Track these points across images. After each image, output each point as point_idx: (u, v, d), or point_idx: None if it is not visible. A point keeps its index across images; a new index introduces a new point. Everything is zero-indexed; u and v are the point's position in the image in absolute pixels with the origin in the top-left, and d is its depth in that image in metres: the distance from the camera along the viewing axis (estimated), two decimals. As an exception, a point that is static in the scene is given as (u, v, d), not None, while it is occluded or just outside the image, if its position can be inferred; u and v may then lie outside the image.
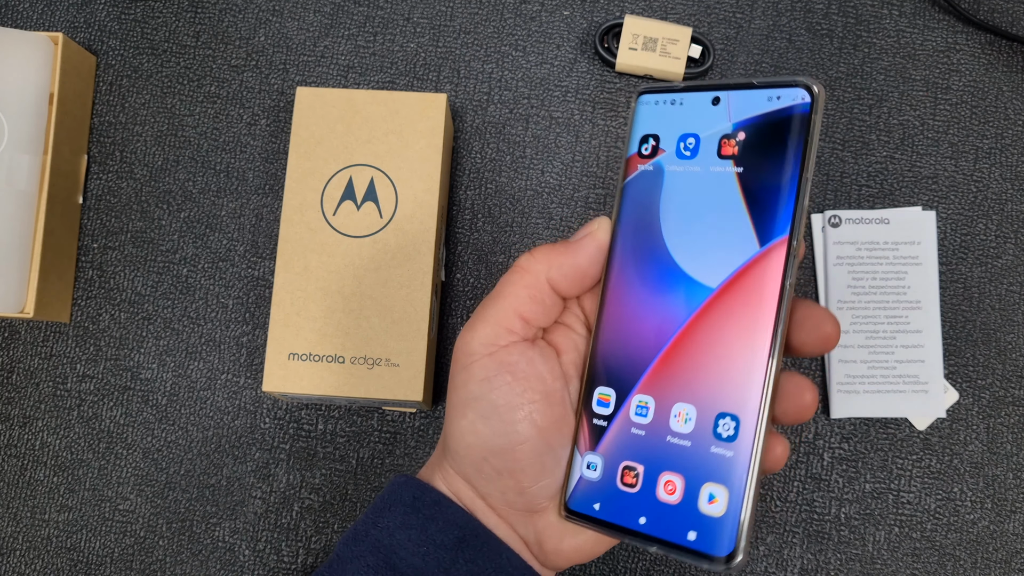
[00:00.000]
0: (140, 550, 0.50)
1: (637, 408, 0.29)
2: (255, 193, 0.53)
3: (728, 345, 0.28)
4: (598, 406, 0.30)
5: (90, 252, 0.53)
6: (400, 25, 0.54)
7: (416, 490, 0.32)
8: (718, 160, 0.29)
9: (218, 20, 0.55)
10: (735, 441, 0.27)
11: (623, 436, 0.29)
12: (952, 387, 0.50)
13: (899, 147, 0.52)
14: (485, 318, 0.31)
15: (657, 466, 0.28)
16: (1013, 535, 0.48)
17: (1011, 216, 0.51)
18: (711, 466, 0.27)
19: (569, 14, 0.54)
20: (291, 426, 0.51)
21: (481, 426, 0.30)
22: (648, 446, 0.29)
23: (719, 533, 0.27)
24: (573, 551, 0.32)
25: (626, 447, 0.29)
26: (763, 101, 0.28)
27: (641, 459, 0.29)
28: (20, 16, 0.55)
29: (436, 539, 0.31)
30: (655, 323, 0.29)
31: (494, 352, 0.30)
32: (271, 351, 0.46)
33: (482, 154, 0.53)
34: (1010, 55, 0.53)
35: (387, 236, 0.47)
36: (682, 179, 0.30)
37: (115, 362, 0.52)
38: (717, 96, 0.29)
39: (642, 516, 0.29)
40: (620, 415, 0.29)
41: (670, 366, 0.29)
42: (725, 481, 0.27)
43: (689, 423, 0.28)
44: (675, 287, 0.29)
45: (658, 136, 0.30)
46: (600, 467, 0.30)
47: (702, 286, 0.28)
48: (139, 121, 0.54)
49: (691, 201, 0.29)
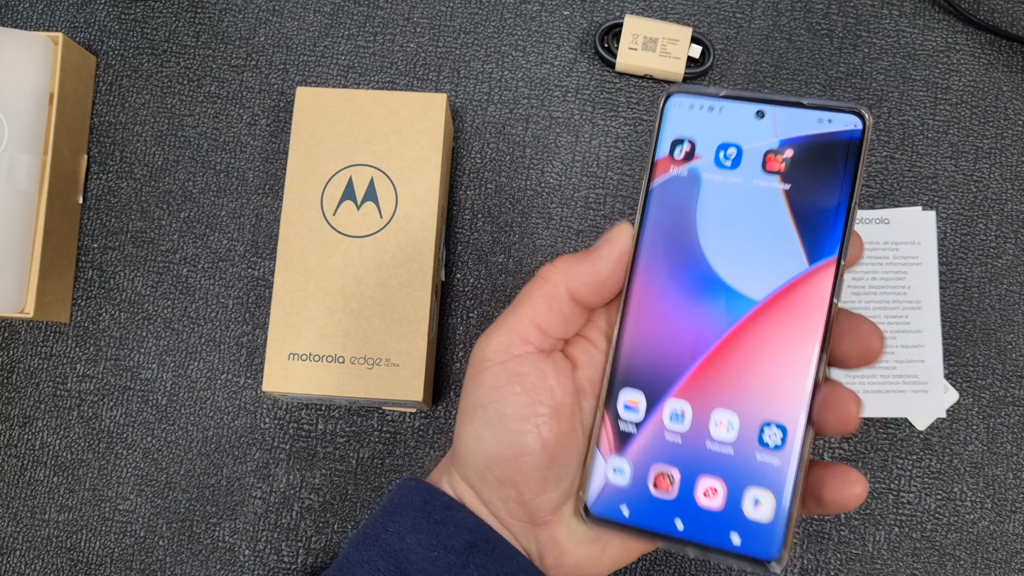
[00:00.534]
0: (140, 550, 0.50)
1: (672, 413, 0.29)
2: (255, 193, 0.53)
3: (774, 357, 0.28)
4: (626, 410, 0.29)
5: (90, 252, 0.53)
6: (400, 25, 0.54)
7: (426, 494, 0.32)
8: (763, 174, 0.29)
9: (218, 20, 0.55)
10: (782, 449, 0.28)
11: (656, 441, 0.29)
12: (952, 387, 0.50)
13: (899, 147, 0.52)
14: (501, 326, 0.31)
15: (695, 471, 0.29)
16: (1013, 535, 0.48)
17: (1011, 216, 0.52)
18: (756, 472, 0.28)
19: (569, 14, 0.54)
20: (291, 426, 0.51)
21: (486, 433, 0.30)
22: (685, 452, 0.29)
23: (766, 537, 0.28)
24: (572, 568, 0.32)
25: (659, 452, 0.29)
26: (813, 122, 0.29)
27: (677, 464, 0.29)
28: (20, 16, 0.55)
29: (447, 544, 0.30)
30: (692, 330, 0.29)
31: (506, 361, 0.30)
32: (271, 351, 0.46)
33: (482, 154, 0.53)
34: (1010, 55, 0.53)
35: (387, 236, 0.47)
36: (722, 189, 0.29)
37: (115, 362, 0.52)
38: (762, 110, 0.30)
39: (679, 521, 0.29)
40: (652, 420, 0.29)
41: (710, 374, 0.29)
42: (771, 487, 0.28)
43: (732, 431, 0.28)
44: (714, 297, 0.29)
45: (693, 141, 0.30)
46: (628, 471, 0.29)
47: (745, 298, 0.29)
48: (139, 121, 0.54)
49: (732, 212, 0.29)
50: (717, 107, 0.30)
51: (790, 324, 0.28)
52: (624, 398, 0.30)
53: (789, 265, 0.29)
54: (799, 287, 0.28)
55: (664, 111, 0.30)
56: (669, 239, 0.30)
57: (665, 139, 0.30)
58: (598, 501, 0.30)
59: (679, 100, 0.30)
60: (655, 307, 0.29)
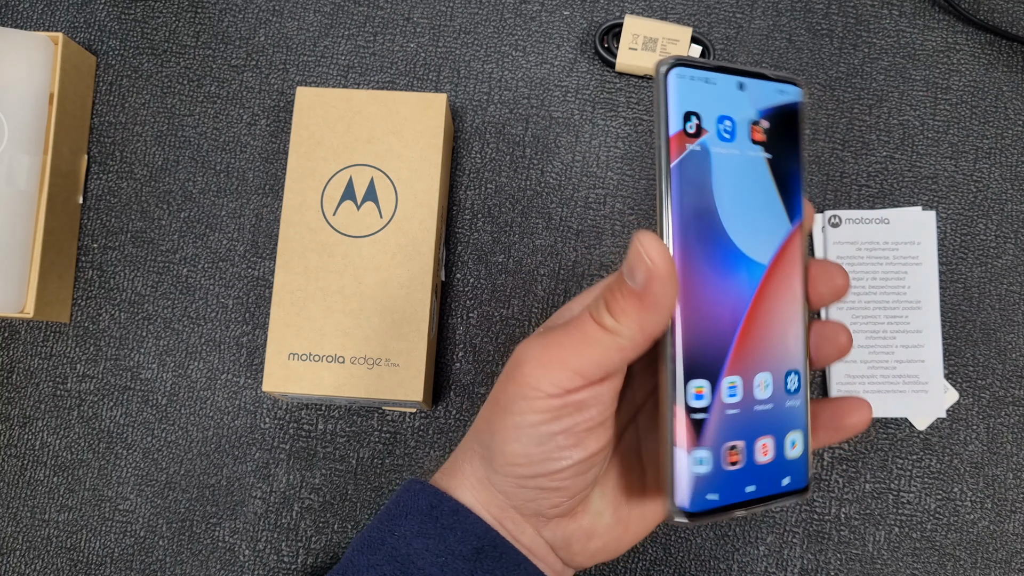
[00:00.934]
0: (140, 550, 0.50)
1: (729, 390, 0.30)
2: (255, 193, 0.53)
3: (783, 312, 0.31)
4: (695, 400, 0.29)
5: (90, 252, 0.53)
6: (400, 25, 0.54)
7: (433, 498, 0.32)
8: (751, 145, 0.31)
9: (218, 20, 0.55)
10: (800, 391, 0.31)
11: (722, 421, 0.30)
12: (952, 387, 0.50)
13: (899, 147, 0.52)
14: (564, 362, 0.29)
15: (753, 435, 0.30)
16: (1013, 535, 0.48)
17: (1011, 216, 0.51)
18: (789, 418, 0.31)
19: (569, 14, 0.54)
20: (291, 426, 0.51)
21: (535, 451, 0.29)
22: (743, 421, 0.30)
23: (801, 470, 0.31)
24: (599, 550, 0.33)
25: (727, 429, 0.30)
26: (775, 93, 0.31)
27: (740, 435, 0.30)
28: (20, 16, 0.55)
29: (454, 549, 0.30)
30: (728, 306, 0.30)
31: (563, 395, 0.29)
32: (271, 351, 0.46)
33: (482, 154, 0.53)
34: (1010, 55, 0.53)
35: (387, 236, 0.47)
36: (727, 162, 0.30)
37: (115, 362, 0.52)
38: (741, 82, 0.31)
39: (749, 485, 0.30)
40: (715, 403, 0.30)
41: (747, 343, 0.30)
42: (800, 426, 0.31)
43: (768, 388, 0.31)
44: (738, 268, 0.30)
45: (699, 115, 0.29)
46: (709, 458, 0.29)
47: (757, 264, 0.30)
48: (139, 121, 0.54)
49: (737, 184, 0.30)
50: (712, 79, 0.30)
51: (786, 280, 0.31)
52: (692, 388, 0.29)
53: (781, 227, 0.31)
54: (788, 246, 0.31)
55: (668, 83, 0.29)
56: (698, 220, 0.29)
57: (675, 112, 0.29)
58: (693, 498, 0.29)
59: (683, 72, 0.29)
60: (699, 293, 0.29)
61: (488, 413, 0.31)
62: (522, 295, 0.51)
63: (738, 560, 0.49)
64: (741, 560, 0.49)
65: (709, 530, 0.49)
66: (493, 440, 0.30)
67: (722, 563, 0.49)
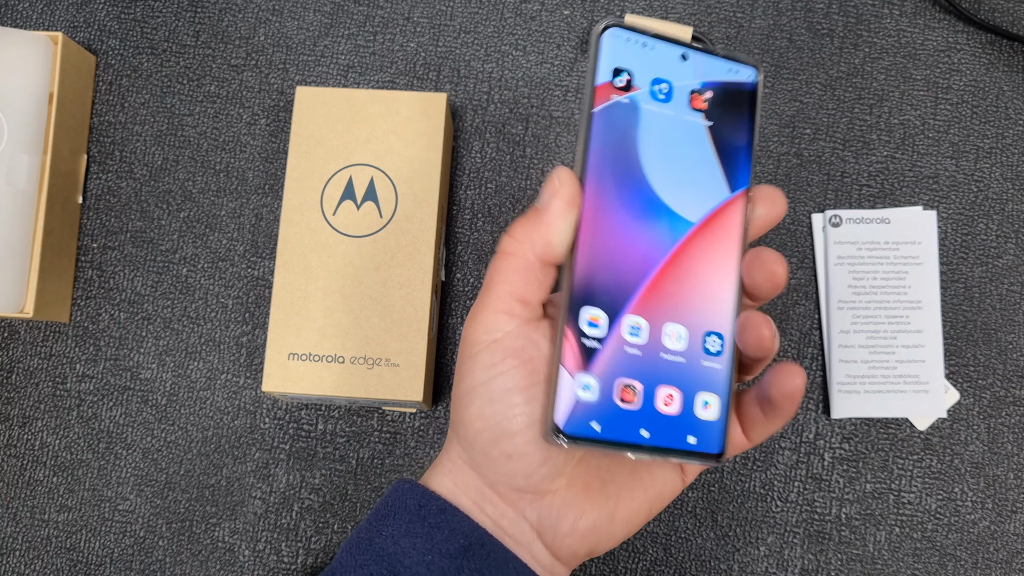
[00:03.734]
0: (140, 550, 0.50)
1: (631, 329, 0.31)
2: (255, 193, 0.53)
3: (709, 273, 0.32)
4: (589, 326, 0.30)
5: (90, 252, 0.53)
6: (400, 24, 0.54)
7: (421, 497, 0.32)
8: (690, 111, 0.32)
9: (218, 20, 0.55)
10: (722, 355, 0.32)
11: (618, 355, 0.30)
12: (953, 387, 0.50)
13: (900, 147, 0.52)
14: (483, 307, 0.31)
15: (655, 381, 0.31)
16: (1014, 535, 0.48)
17: (1012, 216, 0.51)
18: (704, 378, 0.31)
19: (569, 13, 0.54)
20: (291, 426, 0.50)
21: (489, 410, 0.30)
22: (644, 364, 0.31)
23: (715, 434, 0.31)
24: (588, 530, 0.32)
25: (623, 366, 0.31)
26: (724, 71, 0.33)
27: (638, 376, 0.31)
28: (20, 16, 0.55)
29: (441, 548, 0.30)
30: (641, 250, 0.31)
31: (499, 338, 0.30)
32: (271, 351, 0.46)
33: (482, 154, 0.53)
34: (1011, 55, 0.53)
35: (387, 236, 0.47)
36: (658, 120, 0.32)
37: (115, 362, 0.52)
38: (684, 53, 0.32)
39: (644, 429, 0.30)
40: (612, 335, 0.30)
41: (659, 290, 0.31)
42: (716, 390, 0.31)
43: (681, 341, 0.31)
44: (658, 218, 0.31)
45: (631, 72, 0.32)
46: (596, 387, 0.30)
47: (683, 220, 0.31)
48: (139, 121, 0.54)
49: (668, 142, 0.32)
50: (650, 44, 0.32)
51: (718, 243, 0.32)
52: (586, 315, 0.30)
53: (717, 192, 0.32)
54: (724, 211, 0.32)
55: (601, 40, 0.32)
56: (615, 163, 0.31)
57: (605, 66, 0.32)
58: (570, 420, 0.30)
59: (616, 32, 0.32)
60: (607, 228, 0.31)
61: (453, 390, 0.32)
62: (522, 295, 0.51)
63: (738, 560, 0.49)
64: (741, 560, 0.49)
65: (710, 530, 0.49)
66: (455, 412, 0.31)
67: (722, 563, 0.49)
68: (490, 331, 0.30)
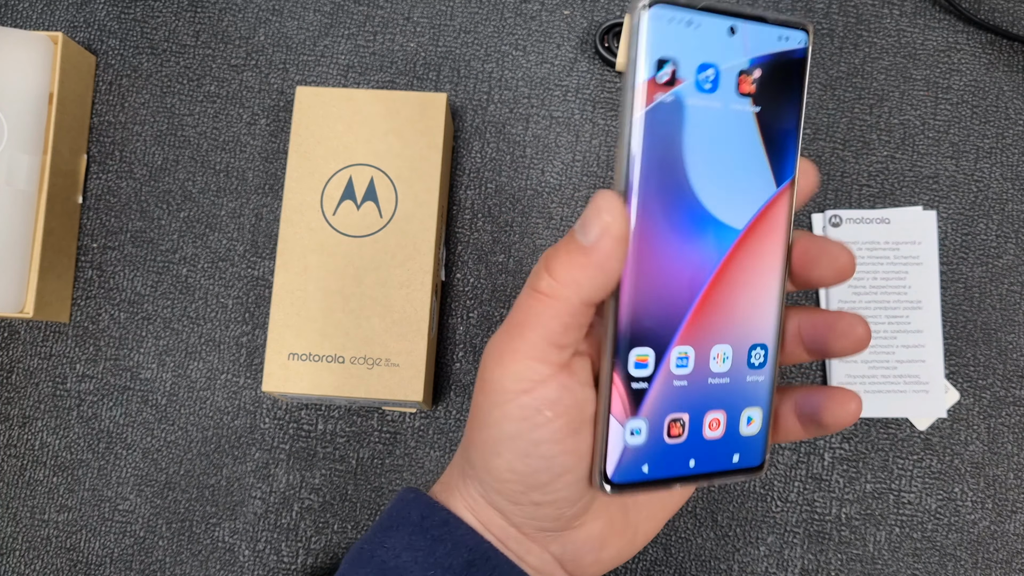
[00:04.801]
0: (140, 550, 0.50)
1: (678, 361, 0.28)
2: (255, 193, 0.53)
3: (754, 283, 0.29)
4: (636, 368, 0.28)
5: (90, 252, 0.53)
6: (400, 24, 0.54)
7: (425, 508, 0.31)
8: (737, 97, 0.28)
9: (218, 20, 0.55)
10: (764, 367, 0.29)
11: (666, 392, 0.28)
12: (953, 387, 0.50)
13: (900, 147, 0.52)
14: (515, 352, 0.27)
15: (701, 409, 0.29)
16: (1014, 535, 0.48)
17: (1012, 216, 0.51)
18: (748, 393, 0.29)
19: (569, 13, 0.54)
20: (291, 426, 0.50)
21: (520, 465, 0.28)
22: (691, 394, 0.29)
23: (757, 448, 0.30)
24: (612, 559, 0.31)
25: (671, 401, 0.28)
26: (774, 39, 0.28)
27: (686, 408, 0.29)
28: (20, 16, 0.55)
29: (444, 562, 0.29)
30: (688, 272, 0.28)
31: (530, 389, 0.27)
32: (271, 351, 0.46)
33: (482, 154, 0.53)
34: (1011, 55, 0.53)
35: (387, 236, 0.47)
36: (704, 116, 0.27)
37: (115, 362, 0.52)
38: (733, 26, 0.27)
39: (691, 459, 0.29)
40: (660, 372, 0.28)
41: (706, 312, 0.28)
42: (760, 403, 0.30)
43: (727, 361, 0.29)
44: (704, 232, 0.28)
45: (676, 62, 0.27)
46: (645, 430, 0.28)
47: (729, 228, 0.28)
48: (139, 121, 0.54)
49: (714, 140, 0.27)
50: (696, 22, 0.27)
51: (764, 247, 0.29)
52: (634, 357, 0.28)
53: (763, 189, 0.28)
54: (770, 210, 0.29)
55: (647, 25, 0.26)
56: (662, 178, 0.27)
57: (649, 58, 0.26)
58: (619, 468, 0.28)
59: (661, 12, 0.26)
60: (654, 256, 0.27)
61: (469, 428, 0.30)
62: (522, 295, 0.51)
63: (738, 560, 0.49)
64: (742, 560, 0.49)
65: (710, 530, 0.49)
66: (478, 457, 0.29)
67: (722, 563, 0.49)
68: (522, 380, 0.27)
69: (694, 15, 0.27)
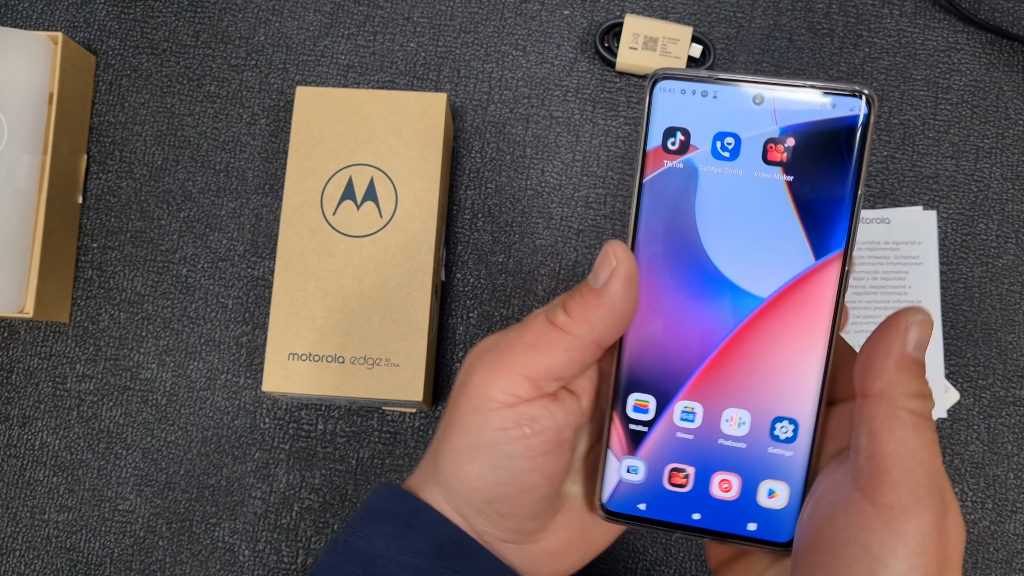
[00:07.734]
0: (140, 550, 0.50)
1: (682, 413, 0.29)
2: (255, 193, 0.53)
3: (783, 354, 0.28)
4: (635, 412, 0.29)
5: (90, 252, 0.53)
6: (400, 24, 0.54)
7: (396, 497, 0.32)
8: (764, 165, 0.28)
9: (218, 20, 0.55)
10: (794, 441, 0.29)
11: (667, 440, 0.29)
12: (953, 387, 0.50)
13: (900, 147, 0.52)
14: (513, 367, 0.29)
15: (710, 467, 0.29)
16: (1014, 535, 0.48)
17: (1012, 216, 0.51)
18: (769, 465, 0.29)
19: (569, 13, 0.54)
20: (291, 426, 0.50)
21: (491, 474, 0.29)
22: (698, 449, 0.29)
23: (781, 523, 0.29)
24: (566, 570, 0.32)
25: (672, 450, 0.29)
26: (815, 107, 0.27)
27: (691, 461, 0.29)
28: (20, 16, 0.55)
29: (414, 546, 0.30)
30: (698, 330, 0.29)
31: (516, 404, 0.29)
32: (271, 351, 0.46)
33: (482, 154, 0.53)
34: (1011, 55, 0.53)
35: (387, 236, 0.47)
36: (721, 182, 0.28)
37: (115, 362, 0.52)
38: (760, 94, 0.28)
39: (696, 512, 0.30)
40: (662, 420, 0.29)
41: (718, 373, 0.29)
42: (785, 477, 0.29)
43: (743, 427, 0.29)
44: (719, 295, 0.28)
45: (687, 130, 0.28)
46: (643, 470, 0.30)
47: (750, 295, 0.28)
48: (139, 121, 0.54)
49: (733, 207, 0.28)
50: (711, 92, 0.28)
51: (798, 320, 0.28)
52: (633, 400, 0.30)
53: (795, 261, 0.28)
54: (806, 283, 0.28)
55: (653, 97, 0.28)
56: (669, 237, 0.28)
57: (656, 128, 0.28)
58: (614, 498, 0.30)
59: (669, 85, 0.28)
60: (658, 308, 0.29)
61: (443, 431, 0.31)
62: (522, 295, 0.51)
63: (738, 560, 0.49)
64: (741, 560, 0.49)
65: (709, 530, 0.49)
66: (450, 462, 0.30)
67: (722, 563, 0.49)
68: (509, 394, 0.29)
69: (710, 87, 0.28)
